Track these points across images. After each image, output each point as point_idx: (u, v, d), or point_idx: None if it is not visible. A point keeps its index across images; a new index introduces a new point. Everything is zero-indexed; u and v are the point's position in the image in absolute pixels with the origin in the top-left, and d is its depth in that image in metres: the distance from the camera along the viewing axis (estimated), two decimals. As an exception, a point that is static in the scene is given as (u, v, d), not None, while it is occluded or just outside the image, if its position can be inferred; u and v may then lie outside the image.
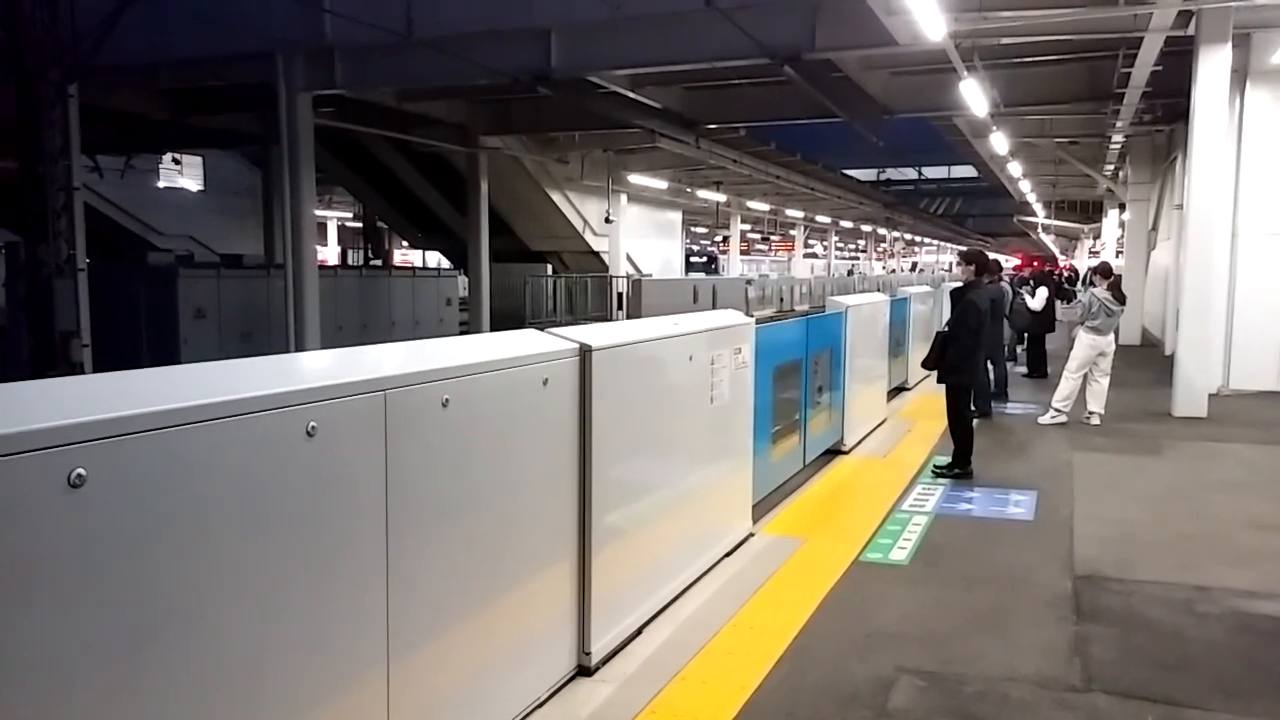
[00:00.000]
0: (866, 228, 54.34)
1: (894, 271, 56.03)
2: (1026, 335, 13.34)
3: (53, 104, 10.35)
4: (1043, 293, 12.49)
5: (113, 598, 1.85)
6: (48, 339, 10.45)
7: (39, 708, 1.75)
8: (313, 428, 2.29)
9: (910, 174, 55.86)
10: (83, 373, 9.99)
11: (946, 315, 8.55)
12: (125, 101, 15.78)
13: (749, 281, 31.96)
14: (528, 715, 3.29)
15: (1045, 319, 12.69)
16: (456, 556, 2.90)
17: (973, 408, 7.67)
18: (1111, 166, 22.84)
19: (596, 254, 26.25)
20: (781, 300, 31.86)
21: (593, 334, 3.68)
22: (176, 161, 26.39)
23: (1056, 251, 59.88)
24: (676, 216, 34.58)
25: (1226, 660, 3.83)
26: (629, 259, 27.94)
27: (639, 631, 4.00)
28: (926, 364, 7.50)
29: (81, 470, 1.76)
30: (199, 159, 27.36)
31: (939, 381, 7.42)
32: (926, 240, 72.50)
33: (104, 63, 10.87)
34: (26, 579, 1.71)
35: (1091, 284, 10.05)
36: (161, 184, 26.90)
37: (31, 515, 1.71)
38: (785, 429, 6.68)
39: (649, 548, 4.23)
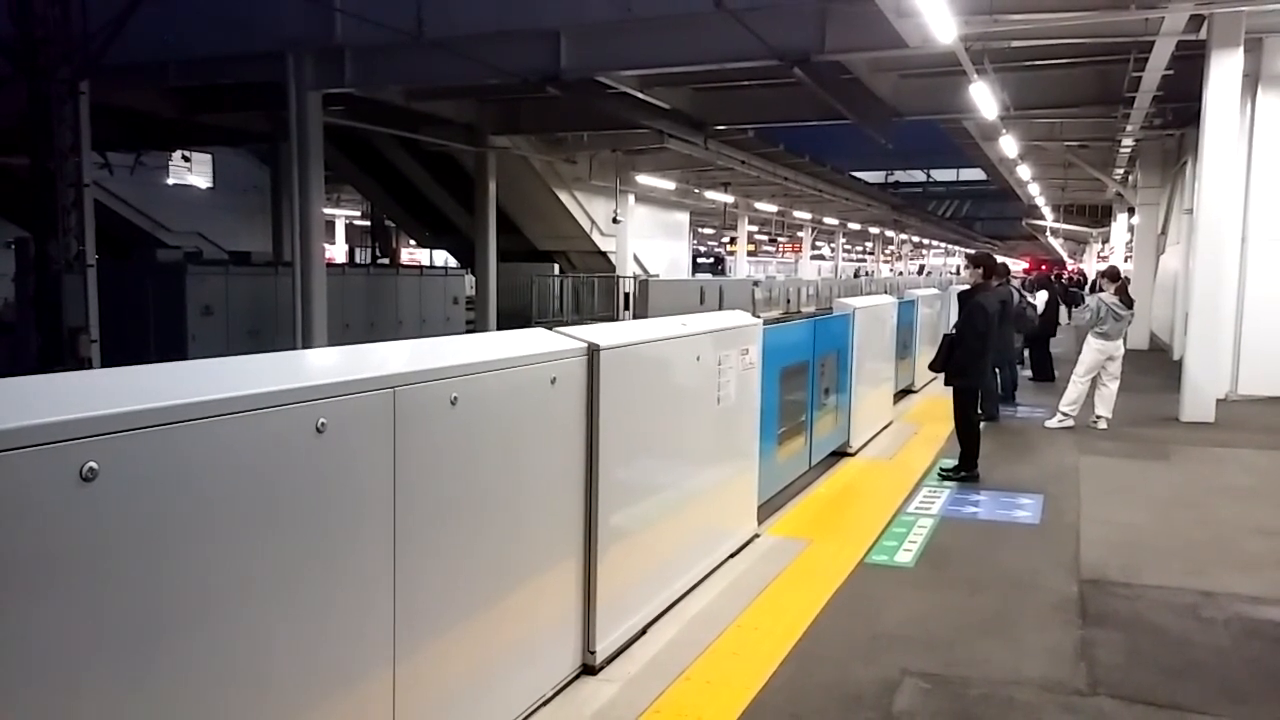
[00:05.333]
0: (874, 230, 54.31)
1: (901, 274, 55.96)
2: (1027, 339, 13.31)
3: (63, 101, 10.39)
4: (1042, 296, 12.49)
5: (122, 592, 1.86)
6: (56, 335, 10.48)
7: (50, 700, 1.75)
8: (322, 424, 2.29)
9: (919, 176, 55.76)
10: (91, 368, 10.03)
11: (954, 318, 8.53)
12: (135, 99, 15.85)
13: (756, 283, 31.93)
14: (532, 713, 3.29)
15: (1046, 323, 12.66)
16: (463, 554, 2.91)
17: (979, 411, 7.66)
18: (1121, 170, 22.78)
19: (604, 254, 26.25)
20: (788, 301, 31.84)
21: (601, 333, 3.67)
22: (186, 159, 26.47)
23: (1065, 255, 59.78)
24: (684, 217, 34.54)
25: (1233, 666, 3.82)
26: (636, 259, 27.94)
27: (644, 631, 4.00)
28: (933, 366, 7.49)
29: (93, 464, 1.76)
30: (208, 156, 27.42)
31: (945, 384, 7.41)
32: (934, 243, 72.39)
33: (115, 60, 10.90)
34: (39, 571, 1.72)
35: (1099, 288, 10.03)
36: (171, 181, 26.97)
37: (44, 508, 1.71)
38: (791, 430, 6.67)
39: (655, 547, 4.23)
